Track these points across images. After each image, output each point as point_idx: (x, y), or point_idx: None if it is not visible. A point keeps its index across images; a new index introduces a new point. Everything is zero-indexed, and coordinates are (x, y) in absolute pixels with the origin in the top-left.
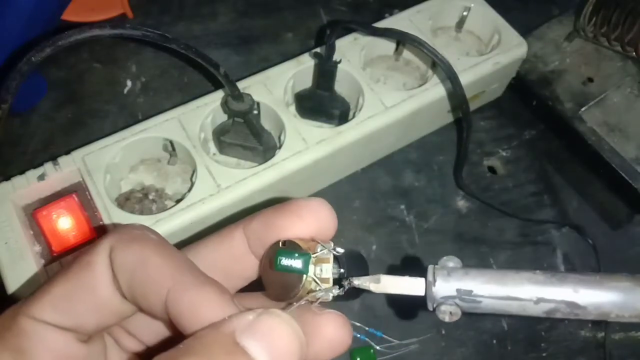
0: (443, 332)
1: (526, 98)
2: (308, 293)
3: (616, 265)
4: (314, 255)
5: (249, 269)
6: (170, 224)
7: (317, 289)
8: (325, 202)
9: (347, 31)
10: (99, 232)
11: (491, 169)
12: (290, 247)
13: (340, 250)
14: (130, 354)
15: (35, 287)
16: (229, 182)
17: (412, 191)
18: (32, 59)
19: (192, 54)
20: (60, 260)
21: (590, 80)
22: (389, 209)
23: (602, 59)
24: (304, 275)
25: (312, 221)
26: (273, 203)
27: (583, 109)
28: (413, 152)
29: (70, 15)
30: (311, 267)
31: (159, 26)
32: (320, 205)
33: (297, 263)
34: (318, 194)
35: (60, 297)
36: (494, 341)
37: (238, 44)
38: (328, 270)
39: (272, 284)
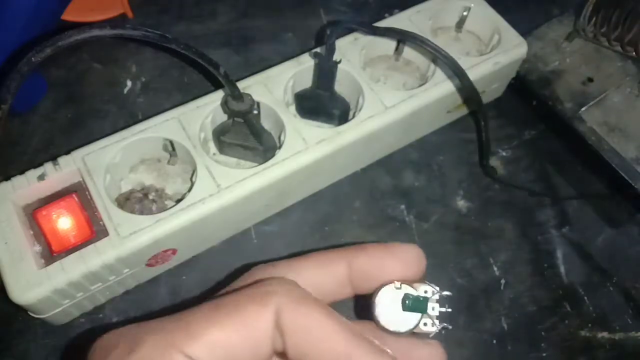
0: (443, 332)
1: (526, 98)
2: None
3: (616, 265)
4: (431, 298)
5: (344, 295)
6: (170, 224)
7: (430, 324)
8: (421, 250)
9: (347, 31)
10: (99, 232)
11: (491, 169)
12: (404, 289)
13: (447, 292)
14: None
15: (35, 289)
16: (229, 182)
17: (412, 191)
18: (32, 59)
19: (192, 54)
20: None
21: (590, 80)
22: (389, 209)
23: (602, 59)
24: (421, 315)
25: (413, 266)
26: (274, 203)
27: (583, 109)
28: (413, 152)
29: (70, 15)
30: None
31: (159, 26)
32: (420, 253)
33: (419, 305)
34: (318, 194)
35: (220, 343)
36: (494, 341)
37: (238, 44)
38: (436, 309)
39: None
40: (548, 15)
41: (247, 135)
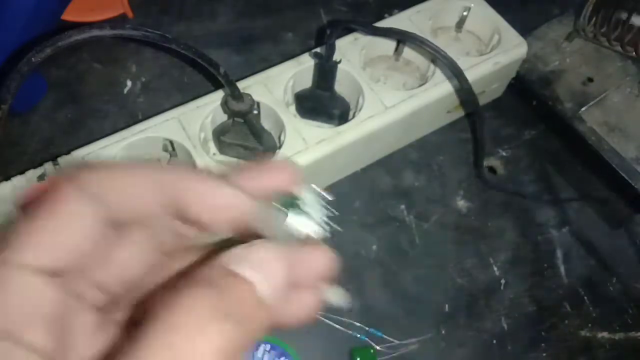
0: (443, 332)
1: (526, 98)
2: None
3: (616, 265)
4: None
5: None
6: None
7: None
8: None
9: (347, 31)
10: None
11: (491, 169)
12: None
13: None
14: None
15: None
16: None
17: (412, 191)
18: (32, 59)
19: (192, 54)
20: None
21: (590, 80)
22: (389, 209)
23: (602, 59)
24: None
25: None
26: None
27: (583, 109)
28: (413, 152)
29: (70, 15)
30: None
31: (159, 26)
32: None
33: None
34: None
35: (36, 236)
36: (494, 341)
37: (238, 44)
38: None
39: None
40: (548, 15)
41: (247, 135)
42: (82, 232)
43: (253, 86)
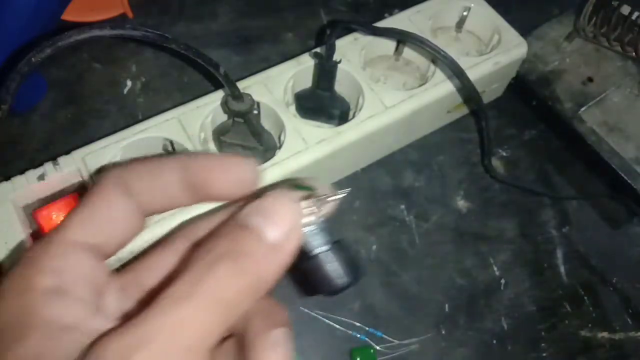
0: (443, 332)
1: (526, 98)
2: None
3: (616, 265)
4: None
5: (183, 203)
6: (171, 223)
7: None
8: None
9: (347, 31)
10: None
11: (492, 169)
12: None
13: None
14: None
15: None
16: None
17: (412, 191)
18: (32, 59)
19: (192, 54)
20: None
21: (590, 80)
22: (389, 209)
23: (602, 59)
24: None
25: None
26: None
27: (583, 109)
28: (413, 152)
29: (70, 15)
30: None
31: (159, 26)
32: (252, 167)
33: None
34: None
35: (86, 219)
36: (494, 341)
37: (238, 44)
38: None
39: None
40: (548, 15)
41: (247, 135)
42: (119, 219)
43: (253, 86)
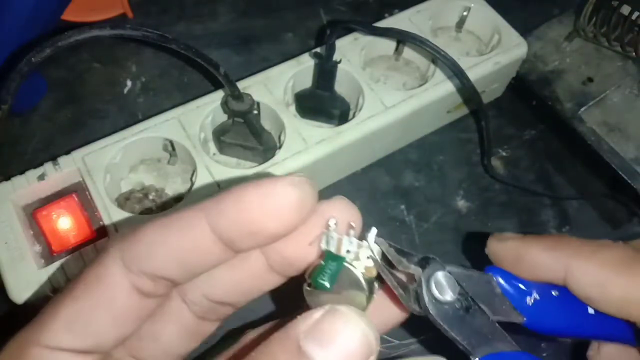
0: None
1: (526, 98)
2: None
3: None
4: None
5: (273, 283)
6: None
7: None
8: (306, 180)
9: (347, 31)
10: (99, 232)
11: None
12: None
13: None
14: None
15: (35, 289)
16: (230, 183)
17: (412, 191)
18: (32, 59)
19: (192, 54)
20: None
21: (590, 80)
22: (389, 209)
23: (602, 59)
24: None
25: (302, 206)
26: None
27: (583, 109)
28: (413, 152)
29: (70, 15)
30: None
31: (159, 26)
32: (305, 184)
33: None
34: (318, 194)
35: (74, 318)
36: None
37: (238, 44)
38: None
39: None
40: (548, 15)
41: (247, 135)
42: (118, 309)
43: (253, 86)
